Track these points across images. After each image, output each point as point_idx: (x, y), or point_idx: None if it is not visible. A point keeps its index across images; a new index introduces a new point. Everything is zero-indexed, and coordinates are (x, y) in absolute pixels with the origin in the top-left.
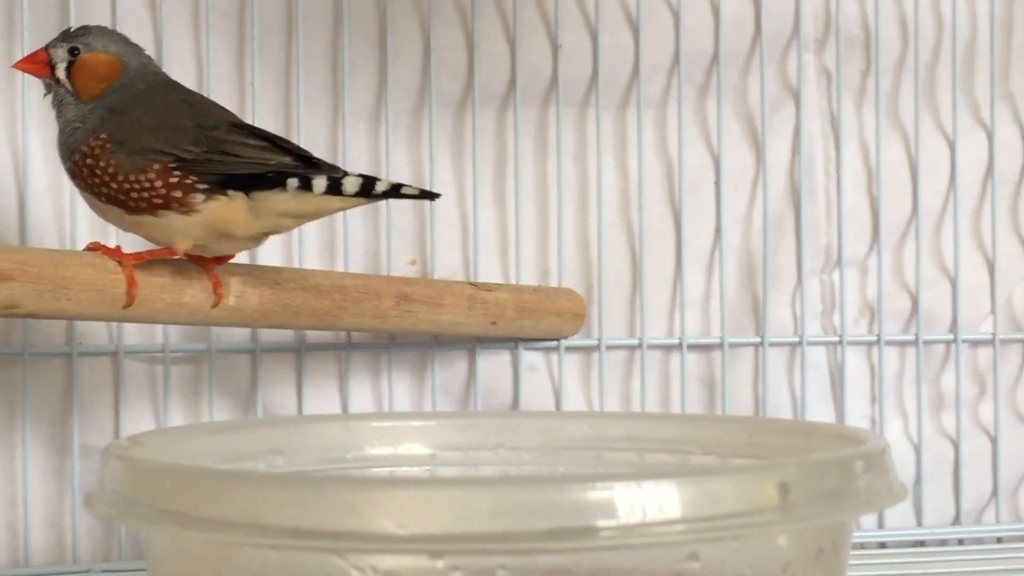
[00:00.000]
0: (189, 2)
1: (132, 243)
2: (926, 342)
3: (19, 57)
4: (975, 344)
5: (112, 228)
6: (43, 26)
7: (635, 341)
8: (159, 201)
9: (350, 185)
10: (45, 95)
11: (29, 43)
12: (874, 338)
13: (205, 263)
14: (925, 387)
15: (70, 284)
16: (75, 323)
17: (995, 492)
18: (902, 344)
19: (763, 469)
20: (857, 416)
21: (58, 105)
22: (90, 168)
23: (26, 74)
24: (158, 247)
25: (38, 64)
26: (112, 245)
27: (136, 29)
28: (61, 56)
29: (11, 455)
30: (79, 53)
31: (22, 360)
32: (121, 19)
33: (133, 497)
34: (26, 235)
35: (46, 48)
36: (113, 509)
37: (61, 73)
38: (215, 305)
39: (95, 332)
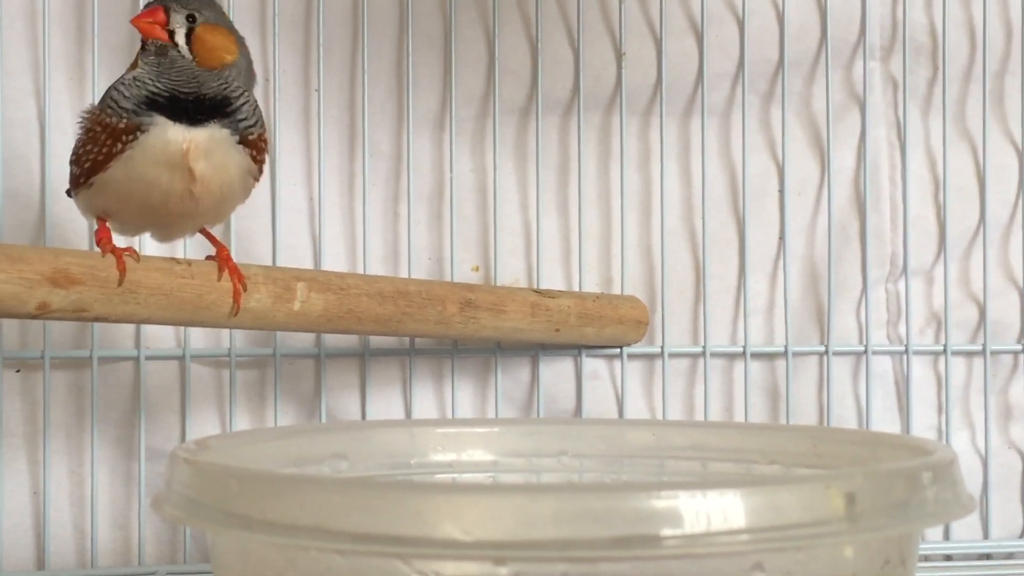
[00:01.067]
0: (256, 9)
1: (200, 247)
2: (993, 352)
3: (90, 71)
4: None
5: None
6: (113, 36)
7: (698, 349)
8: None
9: None
10: (148, 54)
11: (99, 53)
12: (940, 348)
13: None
14: (992, 398)
15: (138, 288)
16: (143, 327)
17: None
18: (969, 354)
19: (829, 479)
20: (923, 426)
21: (169, 64)
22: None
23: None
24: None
25: (156, 25)
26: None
27: None
28: (179, 21)
29: (80, 458)
30: (196, 22)
31: (91, 363)
32: None
33: (199, 500)
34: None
35: (164, 8)
36: (180, 511)
37: (180, 39)
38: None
39: (163, 336)
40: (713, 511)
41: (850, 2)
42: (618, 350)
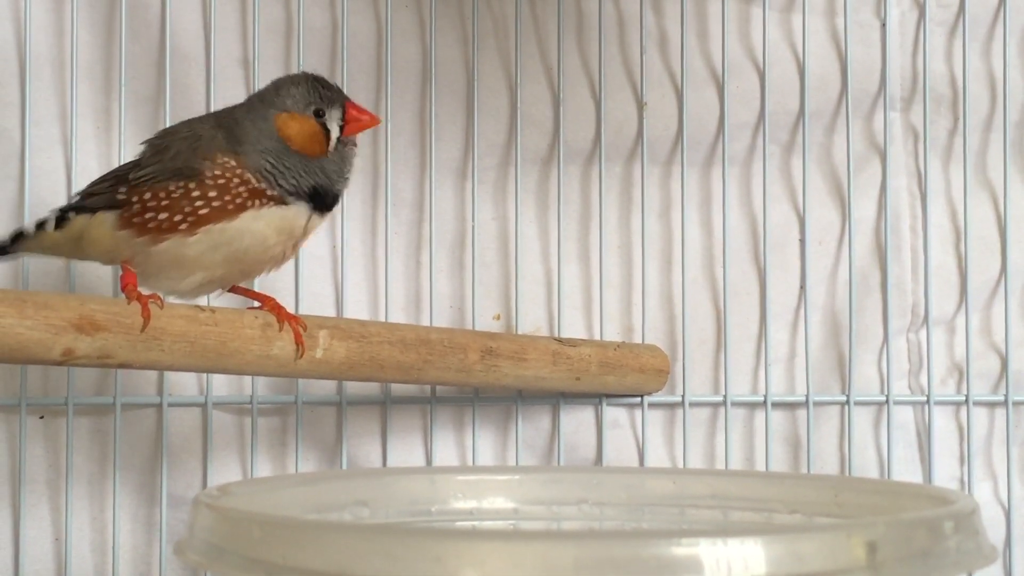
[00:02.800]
0: (280, 60)
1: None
2: (1016, 403)
3: (117, 120)
4: None
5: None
6: (140, 86)
7: (719, 398)
8: None
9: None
10: (345, 145)
11: (126, 102)
12: (962, 398)
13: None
14: (1015, 449)
15: (162, 335)
16: (165, 374)
17: None
18: (991, 404)
19: (851, 528)
20: (945, 477)
21: (340, 160)
22: None
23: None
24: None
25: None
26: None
27: (229, 87)
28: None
29: (102, 504)
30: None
31: (114, 410)
32: (215, 79)
33: (222, 546)
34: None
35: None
36: (202, 557)
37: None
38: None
39: (185, 383)
40: (734, 559)
41: (870, 53)
42: (639, 399)
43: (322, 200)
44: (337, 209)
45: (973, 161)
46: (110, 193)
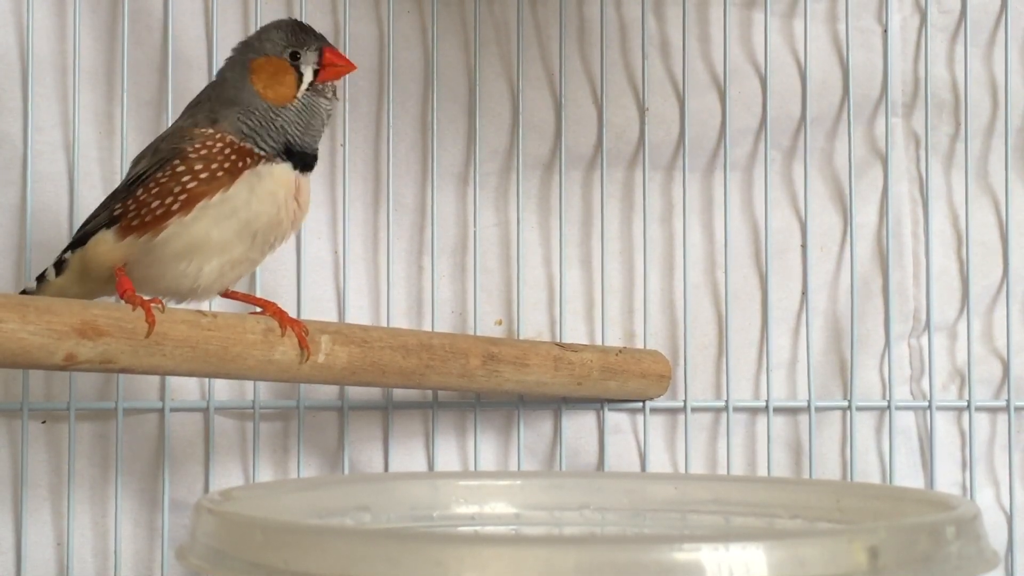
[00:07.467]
0: None
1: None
2: (1017, 408)
3: (119, 125)
4: None
5: None
6: (142, 91)
7: (721, 403)
8: None
9: None
10: (322, 94)
11: (128, 107)
12: (964, 403)
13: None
14: (1017, 454)
15: (164, 340)
16: (167, 379)
17: None
18: (993, 410)
19: (852, 533)
20: (947, 483)
21: (312, 113)
22: None
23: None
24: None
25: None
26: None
27: None
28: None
29: (103, 509)
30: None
31: (116, 415)
32: None
33: (224, 550)
34: None
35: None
36: (204, 562)
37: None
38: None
39: (187, 388)
40: (735, 564)
41: (872, 58)
42: (640, 404)
43: (300, 158)
44: (339, 214)
45: (974, 166)
46: (105, 214)
